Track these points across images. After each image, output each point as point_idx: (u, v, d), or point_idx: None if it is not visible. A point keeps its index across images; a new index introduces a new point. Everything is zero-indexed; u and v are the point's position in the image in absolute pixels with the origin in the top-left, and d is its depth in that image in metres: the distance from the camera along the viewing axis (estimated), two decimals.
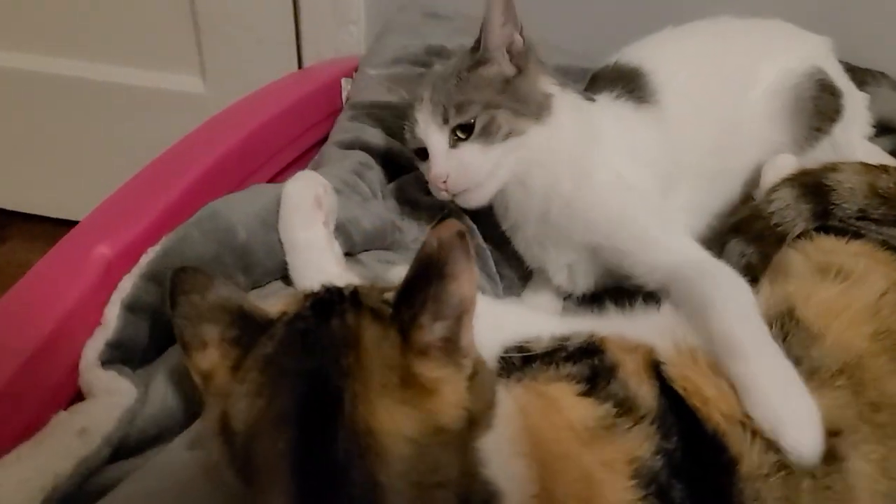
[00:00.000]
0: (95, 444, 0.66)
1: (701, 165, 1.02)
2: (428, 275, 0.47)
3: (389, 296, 0.54)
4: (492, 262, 1.03)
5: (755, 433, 0.62)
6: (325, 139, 1.17)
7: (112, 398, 0.70)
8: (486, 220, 1.05)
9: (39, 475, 0.61)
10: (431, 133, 0.90)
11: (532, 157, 0.90)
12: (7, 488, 0.59)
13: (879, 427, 0.65)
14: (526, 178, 0.91)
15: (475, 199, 0.91)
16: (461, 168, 0.88)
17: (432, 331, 0.48)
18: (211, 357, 0.52)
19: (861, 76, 1.24)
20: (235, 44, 1.61)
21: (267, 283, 0.85)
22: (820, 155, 1.10)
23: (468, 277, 0.47)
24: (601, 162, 0.91)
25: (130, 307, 0.75)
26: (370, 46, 1.32)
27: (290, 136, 1.12)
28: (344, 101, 1.23)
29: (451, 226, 0.47)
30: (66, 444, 0.65)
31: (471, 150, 0.88)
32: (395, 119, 1.11)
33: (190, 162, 0.89)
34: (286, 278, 0.84)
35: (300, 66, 1.61)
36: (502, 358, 0.64)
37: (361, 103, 1.14)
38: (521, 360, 0.63)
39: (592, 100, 0.98)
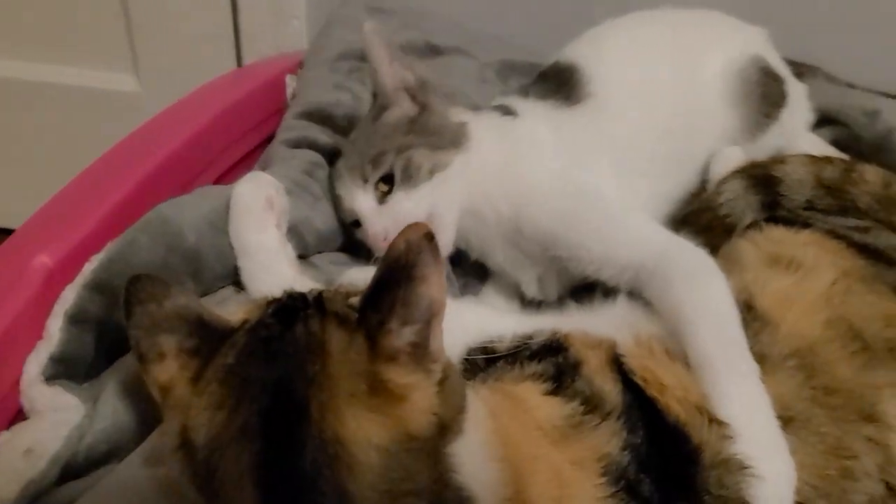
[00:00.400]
0: (42, 465, 0.63)
1: (654, 152, 1.01)
2: (396, 278, 0.46)
3: (355, 300, 0.52)
4: (448, 265, 1.01)
5: (712, 419, 0.62)
6: (269, 138, 1.14)
7: (57, 415, 0.67)
8: None
9: None
10: (356, 197, 0.88)
11: (469, 185, 0.89)
12: None
13: (832, 408, 0.67)
14: (474, 208, 0.90)
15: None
16: (396, 220, 0.85)
17: (401, 336, 0.46)
18: (169, 369, 0.50)
19: (797, 69, 1.27)
20: (170, 41, 1.57)
21: (218, 288, 0.82)
22: (770, 142, 1.13)
23: (437, 280, 0.46)
24: (536, 173, 0.89)
25: (74, 319, 0.71)
26: (313, 42, 1.29)
27: (234, 136, 1.09)
28: (289, 98, 1.20)
29: (419, 227, 0.46)
30: (10, 466, 0.61)
31: (399, 200, 0.87)
32: (342, 116, 1.10)
33: (131, 165, 0.86)
34: (238, 283, 0.82)
35: (239, 63, 1.57)
36: (466, 359, 0.63)
37: (308, 100, 1.11)
38: (485, 361, 0.62)
39: (514, 114, 0.97)
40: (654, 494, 0.57)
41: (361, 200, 0.88)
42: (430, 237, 0.46)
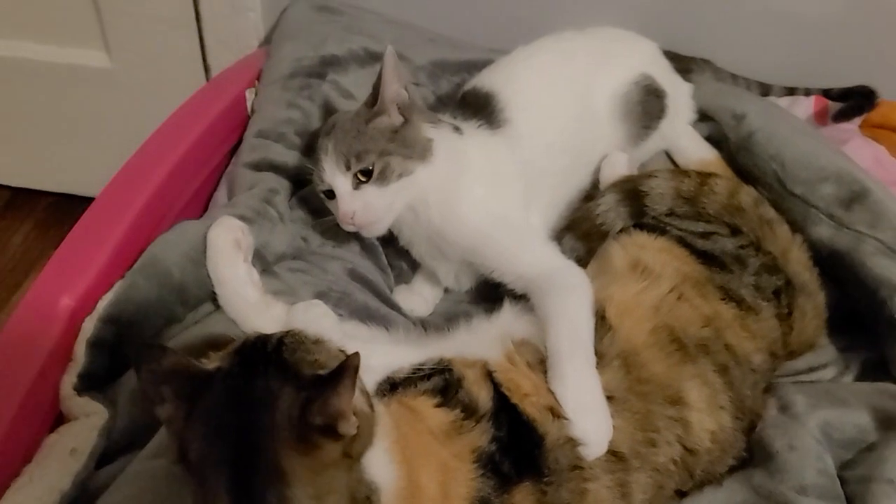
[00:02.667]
0: (84, 459, 0.89)
1: (555, 165, 1.24)
2: (327, 381, 0.68)
3: (313, 357, 0.75)
4: (384, 257, 1.26)
5: (556, 415, 0.89)
6: (235, 147, 1.35)
7: (89, 420, 0.92)
8: None
9: (50, 493, 0.84)
10: (337, 178, 1.07)
11: (418, 192, 1.10)
12: None
13: (643, 395, 0.93)
14: (413, 206, 1.11)
15: (376, 230, 1.11)
16: (365, 207, 1.06)
17: (316, 418, 0.68)
18: (169, 410, 0.72)
19: (687, 64, 1.48)
20: (136, 21, 1.69)
21: (200, 306, 1.06)
22: (652, 146, 1.37)
23: (347, 397, 0.68)
24: (466, 191, 1.11)
25: (94, 344, 0.96)
26: (268, 52, 1.46)
27: (208, 154, 1.29)
28: (249, 111, 1.39)
29: (355, 359, 0.68)
30: (63, 463, 0.87)
31: (371, 192, 1.07)
32: (296, 134, 1.30)
33: (125, 204, 1.07)
34: (215, 300, 1.05)
35: (202, 46, 1.72)
36: (379, 387, 0.88)
37: (264, 118, 1.31)
38: (390, 388, 0.87)
39: (460, 131, 1.18)
40: (511, 470, 0.84)
41: (341, 182, 1.07)
42: (356, 370, 0.68)
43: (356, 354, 0.68)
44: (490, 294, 1.20)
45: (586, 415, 0.89)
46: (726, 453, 0.97)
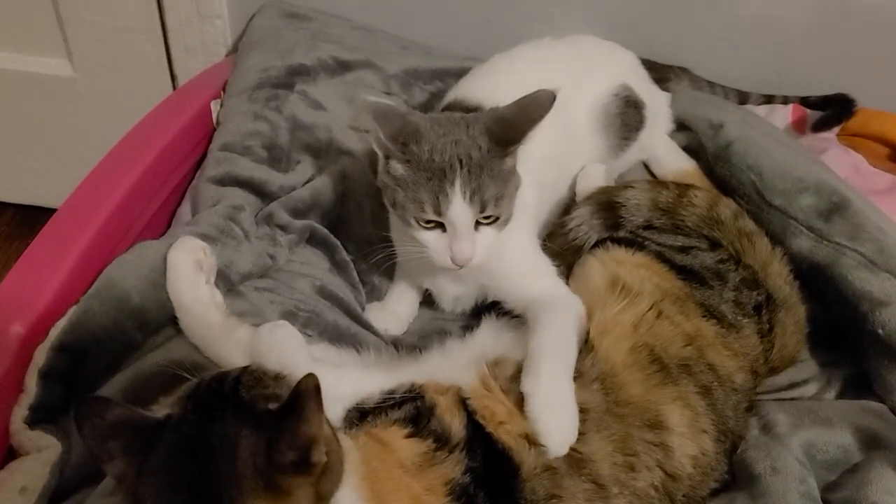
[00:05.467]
0: (34, 498, 0.84)
1: (545, 177, 1.20)
2: (290, 411, 0.65)
3: (271, 391, 0.71)
4: (355, 273, 1.22)
5: (532, 443, 0.85)
6: (200, 160, 1.30)
7: (42, 454, 0.87)
8: (348, 237, 1.24)
9: None
10: (465, 215, 0.94)
11: None
12: None
13: (621, 417, 0.90)
14: None
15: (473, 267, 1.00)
16: (485, 250, 0.97)
17: (286, 455, 0.65)
18: (119, 466, 0.67)
19: (664, 73, 1.46)
20: (100, 29, 1.66)
21: (161, 330, 1.01)
22: (631, 157, 1.34)
23: (317, 420, 0.65)
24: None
25: (46, 375, 0.91)
26: (233, 70, 1.41)
27: (171, 168, 1.24)
28: (214, 122, 1.35)
29: (311, 379, 0.64)
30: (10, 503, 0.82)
31: (490, 235, 0.98)
32: (262, 147, 1.26)
33: (81, 224, 1.02)
34: (176, 324, 1.01)
35: (168, 55, 1.68)
36: (346, 416, 0.84)
37: (229, 130, 1.27)
38: (360, 417, 0.83)
39: None
40: (487, 502, 0.81)
41: (468, 220, 0.94)
42: (317, 388, 0.64)
43: (311, 375, 0.64)
44: (470, 311, 1.18)
45: (551, 413, 0.86)
46: (708, 477, 0.94)
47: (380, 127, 0.94)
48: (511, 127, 0.96)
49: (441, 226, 0.96)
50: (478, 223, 0.96)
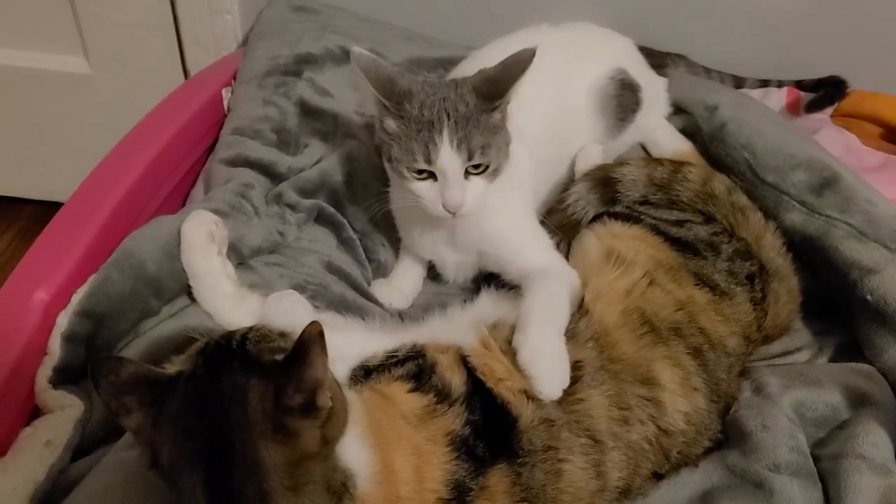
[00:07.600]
0: (59, 451, 0.89)
1: (544, 155, 1.25)
2: (296, 358, 0.68)
3: (277, 344, 0.76)
4: (361, 250, 1.26)
5: (530, 398, 0.89)
6: (212, 145, 1.35)
7: (65, 412, 0.92)
8: (355, 214, 1.28)
9: (24, 484, 0.83)
10: (454, 164, 1.00)
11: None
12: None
13: (615, 373, 0.94)
14: None
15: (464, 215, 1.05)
16: (475, 198, 1.03)
17: (294, 399, 0.69)
18: (135, 419, 0.71)
19: (662, 59, 1.50)
20: (115, 26, 1.70)
21: (175, 299, 1.06)
22: (628, 138, 1.38)
23: (322, 363, 0.68)
24: (504, 191, 1.10)
25: (69, 338, 0.95)
26: (244, 53, 1.47)
27: (185, 152, 1.29)
28: (225, 109, 1.40)
29: (315, 326, 0.68)
30: (37, 455, 0.87)
31: (480, 184, 1.04)
32: (271, 131, 1.31)
33: (100, 200, 1.07)
34: (190, 293, 1.06)
35: (181, 49, 1.73)
36: (352, 374, 0.88)
37: (240, 116, 1.32)
38: (364, 375, 0.88)
39: None
40: (486, 453, 0.84)
41: (457, 168, 1.00)
42: (321, 334, 0.68)
43: (315, 323, 0.68)
44: (472, 286, 1.22)
45: (541, 357, 0.90)
46: (702, 435, 0.98)
47: (365, 76, 1.01)
48: (495, 83, 1.02)
49: (433, 175, 1.02)
50: (468, 173, 1.02)
